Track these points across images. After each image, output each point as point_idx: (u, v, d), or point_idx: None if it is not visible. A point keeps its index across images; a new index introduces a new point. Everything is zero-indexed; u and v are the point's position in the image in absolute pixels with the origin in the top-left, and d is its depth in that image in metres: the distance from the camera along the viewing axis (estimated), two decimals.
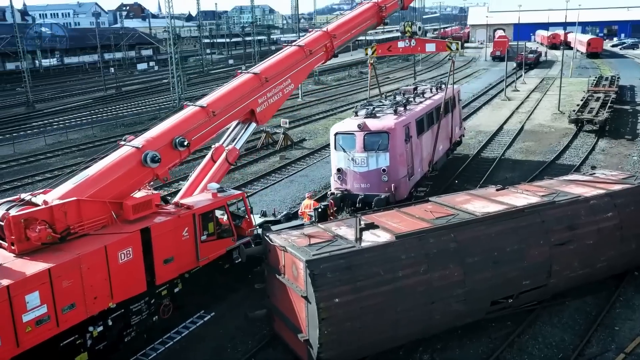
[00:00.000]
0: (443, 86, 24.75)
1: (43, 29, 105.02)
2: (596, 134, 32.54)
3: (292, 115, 45.04)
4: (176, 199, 14.67)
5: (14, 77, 79.48)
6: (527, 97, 49.53)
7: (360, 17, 19.54)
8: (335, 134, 19.11)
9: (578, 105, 37.72)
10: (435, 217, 12.84)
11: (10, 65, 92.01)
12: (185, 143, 13.37)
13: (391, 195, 18.37)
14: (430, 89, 25.97)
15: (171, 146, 13.33)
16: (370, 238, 11.80)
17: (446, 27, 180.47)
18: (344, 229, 12.47)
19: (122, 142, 13.22)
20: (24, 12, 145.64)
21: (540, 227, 13.04)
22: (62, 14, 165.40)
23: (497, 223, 12.63)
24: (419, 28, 23.03)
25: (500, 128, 36.32)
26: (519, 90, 53.32)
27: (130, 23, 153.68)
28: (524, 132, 35.14)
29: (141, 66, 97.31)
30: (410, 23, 22.61)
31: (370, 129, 18.48)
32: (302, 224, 15.86)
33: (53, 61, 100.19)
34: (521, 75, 61.80)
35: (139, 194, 13.36)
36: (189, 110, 14.19)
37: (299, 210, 18.22)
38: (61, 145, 36.44)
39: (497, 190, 14.95)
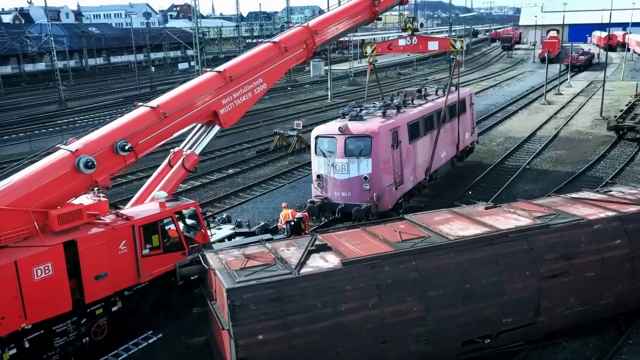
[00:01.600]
0: (452, 88, 22.73)
1: (92, 29, 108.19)
2: (638, 143, 29.44)
3: (317, 116, 43.68)
4: (126, 207, 13.46)
5: (62, 76, 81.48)
6: (570, 101, 46.19)
7: (349, 12, 17.78)
8: (316, 137, 17.60)
9: (622, 110, 34.48)
10: (401, 239, 11.04)
11: (59, 64, 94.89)
12: (127, 147, 12.10)
13: (373, 206, 16.65)
14: (436, 91, 23.92)
15: (112, 150, 12.09)
16: (316, 263, 10.15)
17: (498, 28, 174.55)
18: (292, 250, 10.87)
19: (59, 145, 12.09)
20: (78, 13, 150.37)
21: (527, 255, 11.00)
22: (115, 14, 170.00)
23: (472, 249, 10.69)
24: (421, 24, 21.10)
25: (533, 134, 33.61)
26: (562, 94, 49.87)
27: (177, 23, 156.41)
28: (557, 139, 32.34)
29: (182, 65, 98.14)
30: (411, 19, 20.75)
31: (352, 132, 16.86)
32: (271, 238, 14.34)
33: (100, 60, 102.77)
34: (567, 78, 57.99)
35: (85, 202, 12.25)
36: (138, 111, 12.94)
37: (279, 222, 16.76)
38: None
39: (486, 208, 12.95)
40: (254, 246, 11.31)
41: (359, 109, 18.76)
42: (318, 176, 17.73)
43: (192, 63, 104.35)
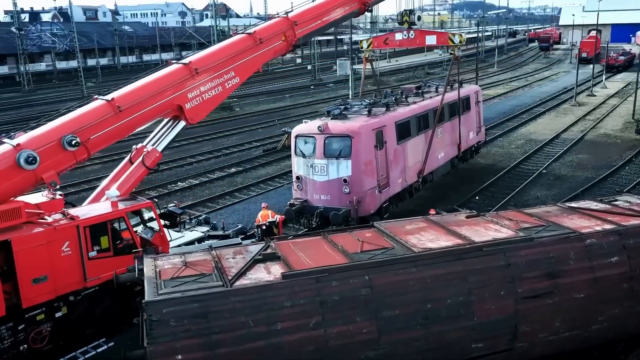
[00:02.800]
0: (456, 85, 21.32)
1: (126, 27, 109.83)
2: None
3: None
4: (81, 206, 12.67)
5: (92, 73, 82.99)
6: (602, 103, 43.73)
7: (335, 2, 16.56)
8: (296, 137, 16.56)
9: None
10: (360, 250, 9.86)
11: (91, 62, 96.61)
12: (74, 142, 11.27)
13: (353, 210, 15.50)
14: (436, 88, 22.50)
15: (60, 145, 11.29)
16: (256, 275, 9.08)
17: (538, 29, 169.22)
18: (237, 259, 9.82)
19: (3, 139, 11.36)
20: (115, 12, 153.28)
21: (503, 272, 9.66)
22: (151, 13, 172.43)
23: (437, 264, 9.42)
24: (418, 18, 19.76)
25: (556, 137, 31.66)
26: (595, 95, 47.33)
27: (210, 22, 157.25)
28: (582, 142, 30.35)
29: None
30: (408, 12, 19.44)
31: (331, 131, 15.75)
32: (239, 243, 13.34)
33: (132, 58, 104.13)
34: (601, 80, 55.12)
35: (38, 199, 11.54)
36: (92, 104, 12.11)
37: (255, 223, 15.83)
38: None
39: (467, 217, 11.60)
40: (199, 253, 10.31)
41: (343, 106, 17.60)
42: (297, 177, 16.79)
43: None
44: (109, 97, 12.15)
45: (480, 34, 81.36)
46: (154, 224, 12.93)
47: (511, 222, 11.17)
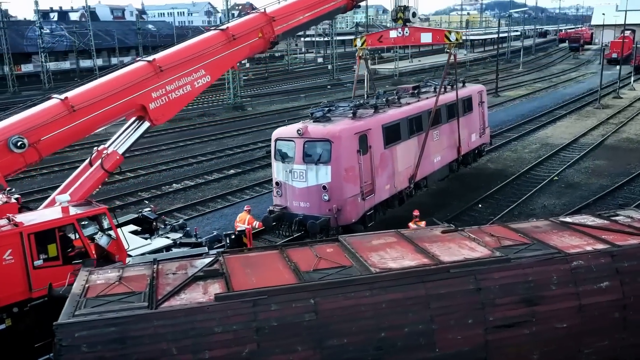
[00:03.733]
0: (459, 85, 20.08)
1: (150, 26, 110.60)
2: None
3: None
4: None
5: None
6: (629, 105, 41.67)
7: None
8: (276, 140, 15.66)
9: None
10: (313, 268, 8.88)
11: (114, 60, 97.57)
12: (19, 144, 10.59)
13: (332, 219, 14.52)
14: (434, 88, 21.29)
15: (6, 147, 10.62)
16: (190, 295, 8.17)
17: (570, 29, 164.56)
18: (178, 275, 8.93)
19: None
20: (141, 11, 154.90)
21: (472, 297, 8.55)
22: (178, 12, 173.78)
23: (395, 287, 8.36)
24: (413, 14, 18.60)
25: (574, 141, 30.00)
26: (621, 98, 45.18)
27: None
28: (602, 147, 28.67)
29: None
30: (402, 8, 18.31)
31: (311, 135, 14.79)
32: (205, 253, 12.49)
33: (127, 60, 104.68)
34: (630, 81, 52.74)
35: None
36: (45, 103, 11.41)
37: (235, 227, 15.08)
38: (90, 139, 35.74)
39: (443, 232, 10.48)
40: (140, 267, 9.45)
41: (327, 108, 16.59)
42: (277, 183, 15.88)
43: (244, 60, 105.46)
44: (63, 95, 11.44)
45: (498, 35, 78.93)
46: (116, 231, 12.17)
47: (491, 239, 10.02)
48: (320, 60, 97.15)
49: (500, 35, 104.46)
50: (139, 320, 7.52)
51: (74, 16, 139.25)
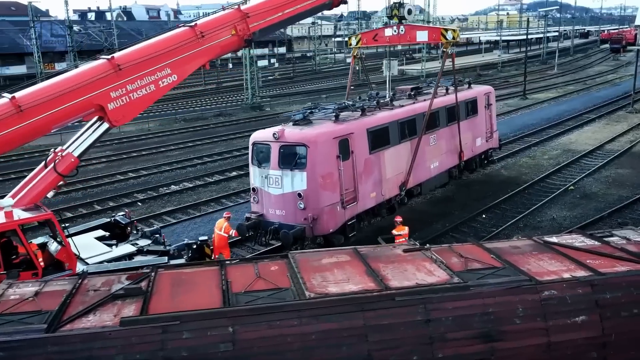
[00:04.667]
0: (464, 86, 18.81)
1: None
2: None
3: None
4: None
5: None
6: None
7: None
8: (253, 144, 14.83)
9: None
10: (244, 289, 7.98)
11: None
12: None
13: (308, 229, 13.58)
14: (446, 89, 20.05)
15: None
16: (99, 317, 7.37)
17: (613, 29, 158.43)
18: (100, 292, 8.17)
19: None
20: (177, 11, 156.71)
21: (419, 330, 7.48)
22: (212, 12, 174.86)
23: (329, 316, 7.37)
24: (409, 11, 17.44)
25: (599, 147, 28.13)
26: None
27: None
28: (628, 154, 26.78)
29: (261, 63, 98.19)
30: (397, 5, 17.19)
31: (286, 139, 13.90)
32: (157, 264, 11.74)
33: None
34: None
35: None
36: None
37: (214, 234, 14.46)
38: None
39: (405, 251, 9.40)
40: (64, 282, 8.72)
41: (309, 110, 15.67)
42: (253, 189, 15.08)
43: (273, 60, 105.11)
44: (11, 95, 10.84)
45: (527, 35, 76.46)
46: (65, 238, 11.53)
47: (457, 261, 8.91)
48: (349, 60, 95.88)
49: (538, 35, 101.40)
50: (31, 346, 6.76)
51: (109, 16, 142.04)
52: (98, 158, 29.60)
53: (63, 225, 12.26)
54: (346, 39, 79.01)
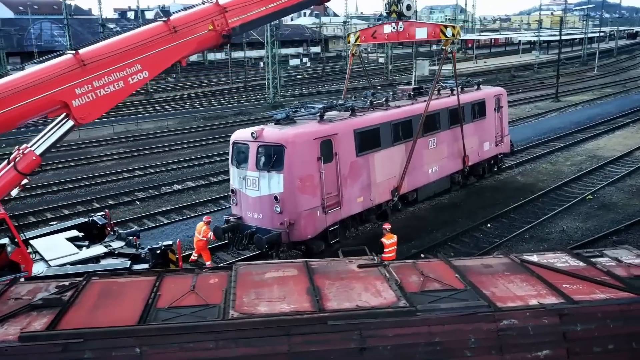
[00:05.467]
0: (472, 87, 17.72)
1: None
2: None
3: None
4: None
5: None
6: None
7: None
8: (233, 143, 14.22)
9: None
10: (170, 304, 7.31)
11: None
12: None
13: (284, 234, 12.86)
14: (439, 91, 19.00)
15: None
16: (6, 330, 6.82)
17: None
18: (21, 301, 7.64)
19: None
20: None
21: (351, 358, 6.63)
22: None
23: (250, 339, 6.60)
24: (408, 7, 16.42)
25: (628, 154, 26.36)
26: None
27: (304, 20, 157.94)
28: None
29: (293, 62, 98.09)
30: (396, 0, 16.20)
31: (264, 139, 13.21)
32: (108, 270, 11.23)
33: (220, 55, 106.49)
34: None
35: None
36: None
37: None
38: (119, 135, 35.82)
39: (360, 267, 8.53)
40: None
41: (294, 110, 14.92)
42: (232, 190, 14.48)
43: (305, 59, 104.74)
44: None
45: (560, 36, 73.95)
46: (19, 239, 11.14)
47: (415, 280, 8.02)
48: (381, 60, 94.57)
49: (579, 36, 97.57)
50: None
51: (149, 15, 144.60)
52: (110, 155, 29.59)
53: (17, 224, 11.88)
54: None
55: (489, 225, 17.76)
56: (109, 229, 14.30)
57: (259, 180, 13.51)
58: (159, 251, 11.85)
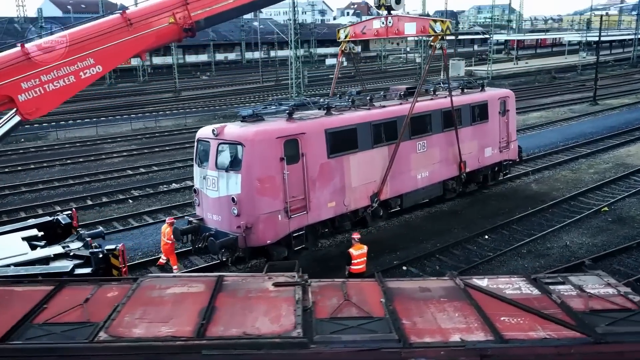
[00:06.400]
0: (483, 87, 16.51)
1: (255, 24, 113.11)
2: None
3: None
4: None
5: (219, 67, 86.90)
6: None
7: None
8: (197, 140, 13.58)
9: None
10: (46, 320, 6.58)
11: (218, 56, 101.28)
12: None
13: (241, 238, 12.05)
14: (433, 91, 17.74)
15: None
16: None
17: None
18: None
19: None
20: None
21: None
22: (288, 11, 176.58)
23: None
24: (397, 0, 15.24)
25: None
26: None
27: (344, 20, 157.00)
28: None
29: (330, 61, 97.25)
30: None
31: (224, 137, 12.52)
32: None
33: (256, 54, 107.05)
34: None
35: None
36: None
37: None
38: (136, 132, 35.85)
39: (275, 285, 7.57)
40: None
41: (263, 107, 14.10)
42: (194, 190, 13.88)
43: (342, 59, 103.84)
44: None
45: (599, 37, 70.26)
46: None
47: (331, 304, 7.02)
48: (419, 60, 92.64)
49: (630, 37, 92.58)
50: None
51: None
52: (120, 152, 29.54)
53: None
54: (424, 38, 75.60)
55: (486, 236, 16.41)
56: (78, 229, 13.85)
57: (218, 180, 12.82)
58: (101, 255, 11.23)
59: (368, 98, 15.73)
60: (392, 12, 15.76)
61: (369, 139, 14.29)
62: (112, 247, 11.37)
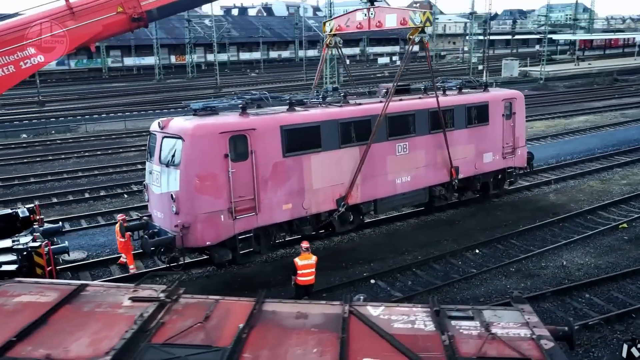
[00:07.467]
0: (489, 87, 15.15)
1: (310, 22, 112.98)
2: None
3: None
4: None
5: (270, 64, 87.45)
6: None
7: None
8: (148, 133, 13.11)
9: None
10: None
11: (272, 54, 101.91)
12: None
13: (178, 239, 11.33)
14: (426, 90, 16.27)
15: None
16: None
17: None
18: None
19: None
20: (316, 8, 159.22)
21: None
22: (344, 10, 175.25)
23: None
24: None
25: None
26: None
27: None
28: None
29: (382, 60, 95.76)
30: None
31: (168, 130, 12.01)
32: None
33: (311, 52, 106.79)
34: None
35: None
36: None
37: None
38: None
39: (132, 299, 6.72)
40: None
41: (216, 100, 13.39)
42: (144, 185, 13.39)
43: (395, 58, 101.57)
44: None
45: None
46: None
47: (175, 327, 6.10)
48: (474, 60, 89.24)
49: None
50: None
51: (252, 12, 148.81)
52: (138, 146, 29.60)
53: None
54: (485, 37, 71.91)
55: (477, 250, 14.91)
56: (36, 223, 13.62)
57: (161, 175, 12.23)
58: (25, 252, 10.80)
59: (341, 95, 14.62)
60: (374, 3, 14.60)
61: (335, 138, 13.19)
62: (36, 244, 10.92)
